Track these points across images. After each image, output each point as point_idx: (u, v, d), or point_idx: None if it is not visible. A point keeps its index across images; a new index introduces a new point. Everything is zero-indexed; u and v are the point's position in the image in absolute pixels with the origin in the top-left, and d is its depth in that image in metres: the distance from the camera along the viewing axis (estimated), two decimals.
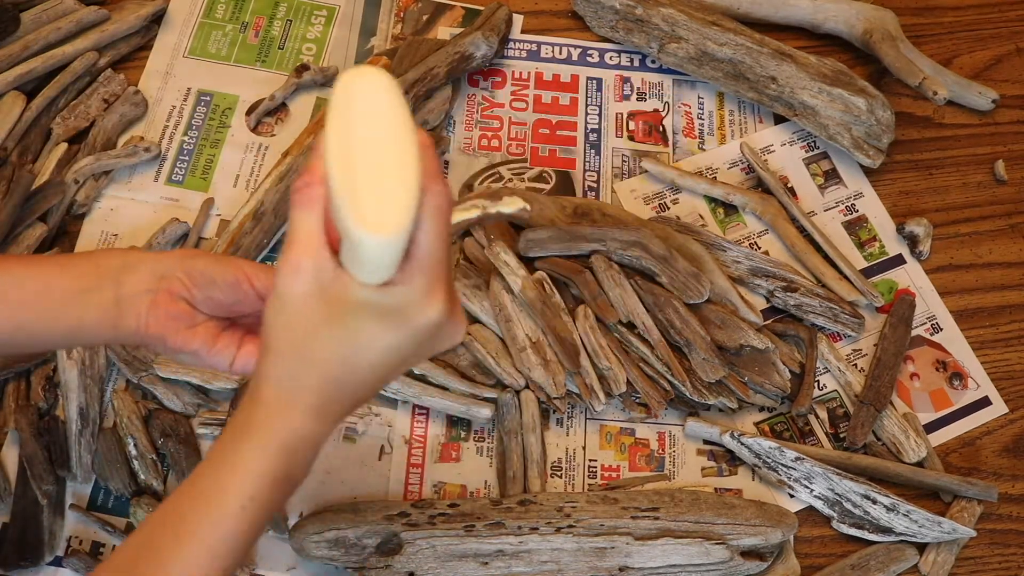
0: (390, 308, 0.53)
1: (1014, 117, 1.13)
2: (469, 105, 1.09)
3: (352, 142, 0.50)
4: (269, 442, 0.56)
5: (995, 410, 0.97)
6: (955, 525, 0.88)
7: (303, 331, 0.54)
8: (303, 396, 0.56)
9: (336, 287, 0.53)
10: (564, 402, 0.91)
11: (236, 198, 1.00)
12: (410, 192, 0.50)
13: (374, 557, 0.82)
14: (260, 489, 0.56)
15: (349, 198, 0.49)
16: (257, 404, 0.57)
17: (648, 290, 0.94)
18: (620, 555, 0.83)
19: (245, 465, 0.56)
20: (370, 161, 0.50)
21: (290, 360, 0.56)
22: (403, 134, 0.50)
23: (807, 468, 0.89)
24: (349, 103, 0.50)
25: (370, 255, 0.51)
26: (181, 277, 0.65)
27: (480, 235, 0.98)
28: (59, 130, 1.01)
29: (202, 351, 0.66)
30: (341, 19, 1.13)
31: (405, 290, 0.53)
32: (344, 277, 0.53)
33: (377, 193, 0.49)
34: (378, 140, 0.50)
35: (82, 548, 0.85)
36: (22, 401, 0.88)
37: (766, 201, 1.03)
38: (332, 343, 0.54)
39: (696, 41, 1.08)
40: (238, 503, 0.56)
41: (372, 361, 0.55)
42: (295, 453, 0.57)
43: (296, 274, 0.53)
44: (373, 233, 0.49)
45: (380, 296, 0.53)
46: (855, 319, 0.97)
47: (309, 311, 0.54)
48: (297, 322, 0.54)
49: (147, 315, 0.65)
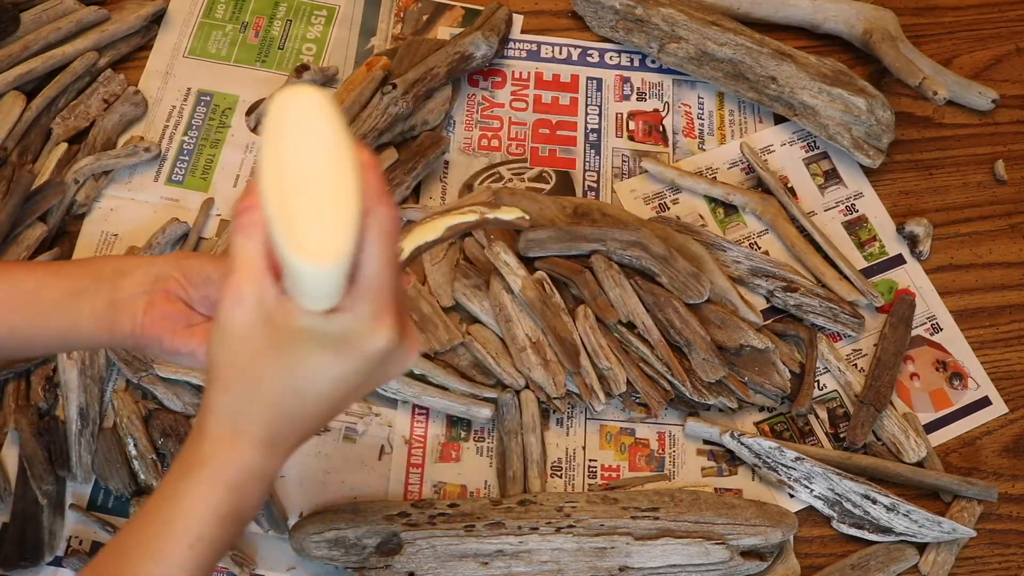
0: (336, 336, 0.51)
1: (1014, 117, 1.13)
2: (469, 105, 1.09)
3: (287, 166, 0.48)
4: (216, 478, 0.54)
5: (995, 410, 0.97)
6: (955, 525, 0.88)
7: (248, 362, 0.52)
8: (250, 429, 0.54)
9: (280, 315, 0.51)
10: (564, 402, 0.91)
11: (236, 198, 1.00)
12: (350, 216, 0.48)
13: (374, 557, 0.82)
14: (208, 527, 0.54)
15: (286, 226, 0.47)
16: (203, 438, 0.55)
17: (648, 290, 0.94)
18: (620, 555, 0.83)
19: (191, 503, 0.54)
20: (307, 186, 0.47)
21: (236, 392, 0.54)
22: (341, 155, 0.48)
23: (807, 468, 0.89)
24: (283, 125, 0.48)
25: (311, 284, 0.49)
26: (177, 277, 0.64)
27: (480, 235, 0.98)
28: (59, 130, 1.01)
29: (199, 352, 0.65)
30: (341, 19, 1.13)
31: (350, 317, 0.51)
32: (288, 305, 0.51)
33: (315, 219, 0.47)
34: (314, 162, 0.48)
35: (82, 548, 0.85)
36: (22, 401, 0.88)
37: (766, 201, 1.03)
38: (278, 373, 0.52)
39: (696, 41, 1.08)
40: (185, 543, 0.54)
41: (320, 391, 0.53)
42: (243, 489, 0.55)
43: (238, 303, 0.51)
44: (312, 262, 0.47)
45: (325, 324, 0.51)
46: (855, 319, 0.97)
47: (253, 341, 0.52)
48: (241, 352, 0.52)
49: (143, 317, 0.64)
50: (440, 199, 1.03)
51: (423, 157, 1.01)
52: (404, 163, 1.01)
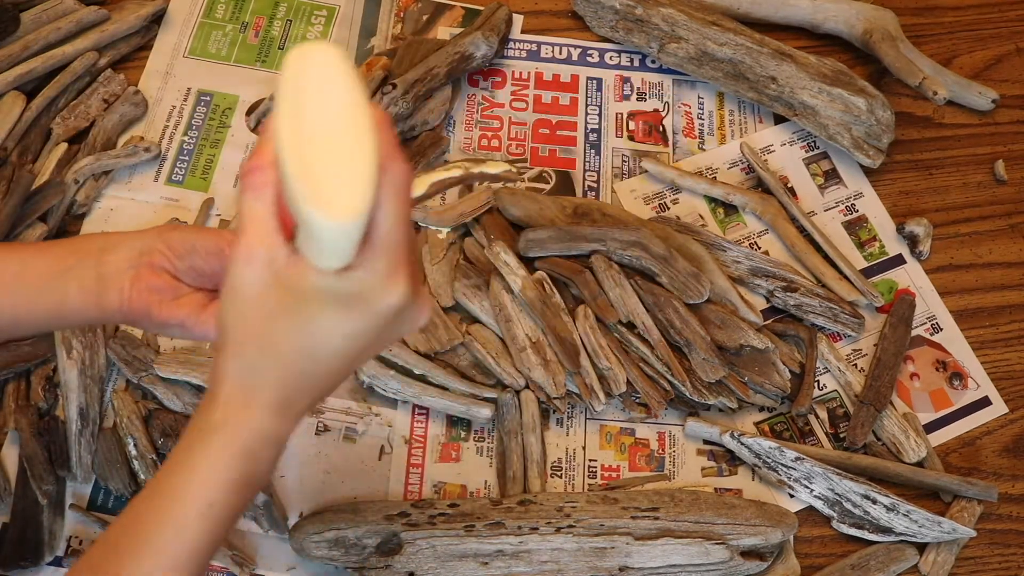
0: (350, 294, 0.51)
1: (1014, 117, 1.13)
2: (469, 105, 1.09)
3: (304, 123, 0.47)
4: (229, 444, 0.54)
5: (995, 410, 0.97)
6: (955, 525, 0.88)
7: (260, 323, 0.52)
8: (264, 392, 0.54)
9: (292, 274, 0.50)
10: (564, 402, 0.91)
11: (236, 198, 1.00)
12: (368, 173, 0.47)
13: (374, 557, 0.82)
14: (220, 494, 0.54)
15: (304, 182, 0.46)
16: (215, 403, 0.54)
17: (648, 290, 0.94)
18: (620, 555, 0.83)
19: (204, 469, 0.54)
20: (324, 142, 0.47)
21: (248, 355, 0.53)
22: (358, 111, 0.47)
23: (807, 468, 0.89)
24: (299, 81, 0.47)
25: (328, 240, 0.49)
26: (162, 249, 0.64)
27: (480, 235, 0.98)
28: (59, 130, 1.01)
29: (188, 322, 0.64)
30: (341, 19, 1.13)
31: (365, 275, 0.50)
32: (300, 264, 0.50)
33: (333, 176, 0.47)
34: (331, 119, 0.47)
35: (82, 548, 0.85)
36: (22, 401, 0.88)
37: (766, 201, 1.03)
38: (291, 333, 0.52)
39: (696, 41, 1.08)
40: (197, 509, 0.53)
41: (334, 350, 0.53)
42: (257, 454, 0.54)
43: (249, 263, 0.51)
44: (331, 218, 0.47)
45: (339, 282, 0.50)
46: (855, 319, 0.97)
47: (265, 301, 0.51)
48: (253, 314, 0.52)
49: (130, 290, 0.64)
50: (440, 199, 1.03)
51: (423, 157, 1.01)
52: None
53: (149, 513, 0.55)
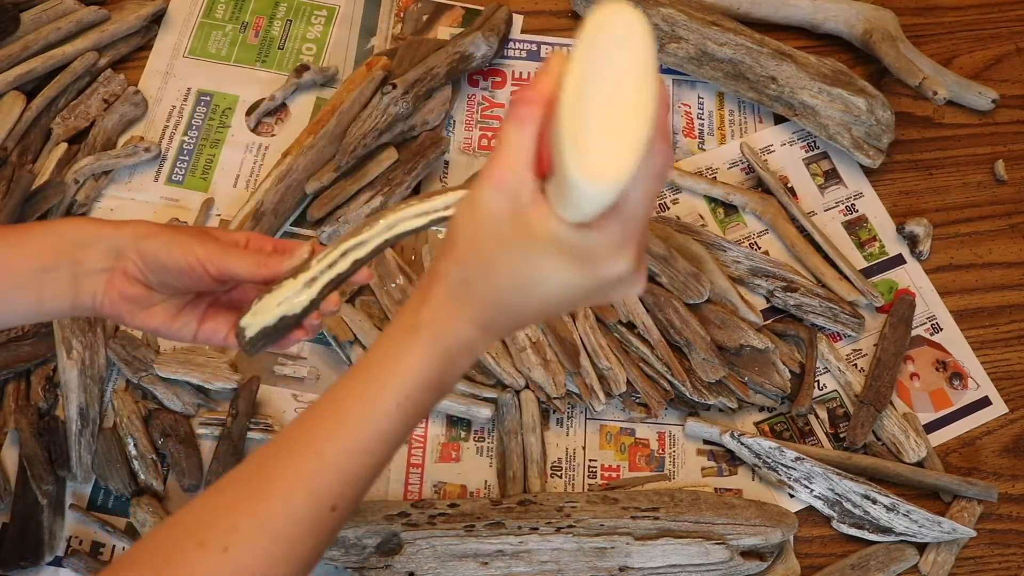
0: (581, 250, 0.52)
1: (1014, 117, 1.13)
2: (469, 105, 1.09)
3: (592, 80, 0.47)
4: (434, 343, 0.56)
5: (995, 410, 0.97)
6: (955, 525, 0.88)
7: (489, 246, 0.53)
8: (473, 306, 0.56)
9: (533, 213, 0.51)
10: (564, 402, 0.91)
11: (236, 198, 1.00)
12: (638, 146, 0.47)
13: (374, 557, 0.82)
14: (416, 389, 0.56)
15: (575, 138, 0.47)
16: (427, 302, 0.56)
17: (648, 290, 0.94)
18: (620, 555, 0.83)
19: (407, 363, 0.56)
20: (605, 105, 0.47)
21: (470, 268, 0.55)
22: (646, 83, 0.48)
23: (807, 468, 0.89)
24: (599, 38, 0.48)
25: (580, 199, 0.49)
26: (135, 259, 0.65)
27: None
28: (59, 130, 1.01)
29: (161, 329, 0.67)
30: (341, 19, 1.13)
31: (601, 237, 0.51)
32: (543, 206, 0.51)
33: (604, 140, 0.47)
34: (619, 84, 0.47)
35: (82, 548, 0.85)
36: (22, 401, 0.88)
37: (766, 201, 1.03)
38: (513, 267, 0.53)
39: (696, 41, 1.08)
40: (395, 399, 0.56)
41: (546, 294, 0.54)
42: (454, 358, 0.57)
43: (495, 189, 0.52)
44: (591, 181, 0.47)
45: (575, 236, 0.51)
46: (855, 319, 0.97)
47: (500, 229, 0.52)
48: (485, 236, 0.53)
49: (103, 295, 0.65)
50: None
51: (423, 157, 1.01)
52: (404, 163, 1.01)
53: (349, 397, 0.58)
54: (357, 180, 0.99)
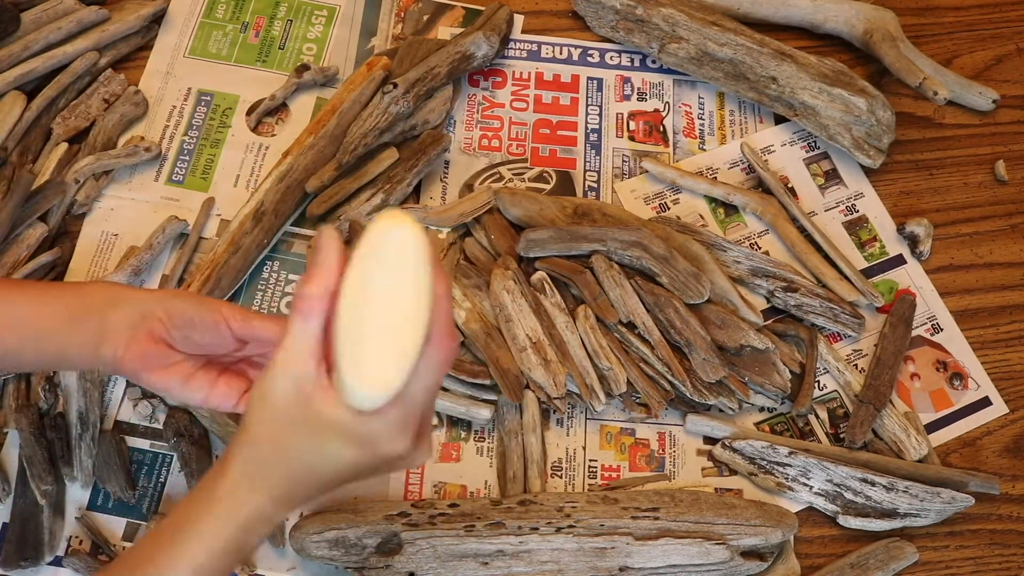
0: (363, 434, 0.56)
1: (1014, 117, 1.13)
2: (470, 105, 1.09)
3: (368, 290, 0.52)
4: (230, 515, 0.60)
5: (995, 410, 0.97)
6: (954, 494, 0.89)
7: (279, 428, 0.57)
8: (268, 482, 0.60)
9: (317, 400, 0.55)
10: (564, 402, 0.91)
11: (236, 198, 1.00)
12: (411, 354, 0.52)
13: (374, 557, 0.82)
14: (212, 558, 0.60)
15: (350, 348, 0.52)
16: (224, 478, 0.60)
17: (648, 290, 0.94)
18: (620, 555, 0.83)
19: (203, 533, 0.60)
20: (380, 315, 0.52)
21: (263, 449, 0.59)
22: (420, 290, 0.52)
23: (802, 462, 0.89)
24: (375, 248, 0.52)
25: (357, 398, 0.54)
26: (161, 316, 0.68)
27: (480, 235, 0.98)
28: (59, 130, 1.01)
29: (174, 389, 0.69)
30: (341, 19, 1.13)
31: (381, 424, 0.56)
32: (328, 393, 0.55)
33: (377, 350, 0.52)
34: (394, 293, 0.52)
35: (82, 548, 0.85)
36: (22, 401, 0.88)
37: (766, 201, 1.03)
38: (303, 448, 0.58)
39: (696, 41, 1.08)
40: (190, 568, 0.59)
41: (334, 471, 0.59)
42: (251, 530, 0.60)
43: (283, 377, 0.56)
44: (364, 389, 0.53)
45: (357, 422, 0.55)
46: (855, 319, 0.97)
47: (288, 412, 0.57)
48: (275, 419, 0.57)
49: (125, 350, 0.68)
50: (441, 199, 1.03)
51: (424, 154, 1.01)
52: (405, 160, 1.01)
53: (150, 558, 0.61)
54: (358, 179, 0.99)
